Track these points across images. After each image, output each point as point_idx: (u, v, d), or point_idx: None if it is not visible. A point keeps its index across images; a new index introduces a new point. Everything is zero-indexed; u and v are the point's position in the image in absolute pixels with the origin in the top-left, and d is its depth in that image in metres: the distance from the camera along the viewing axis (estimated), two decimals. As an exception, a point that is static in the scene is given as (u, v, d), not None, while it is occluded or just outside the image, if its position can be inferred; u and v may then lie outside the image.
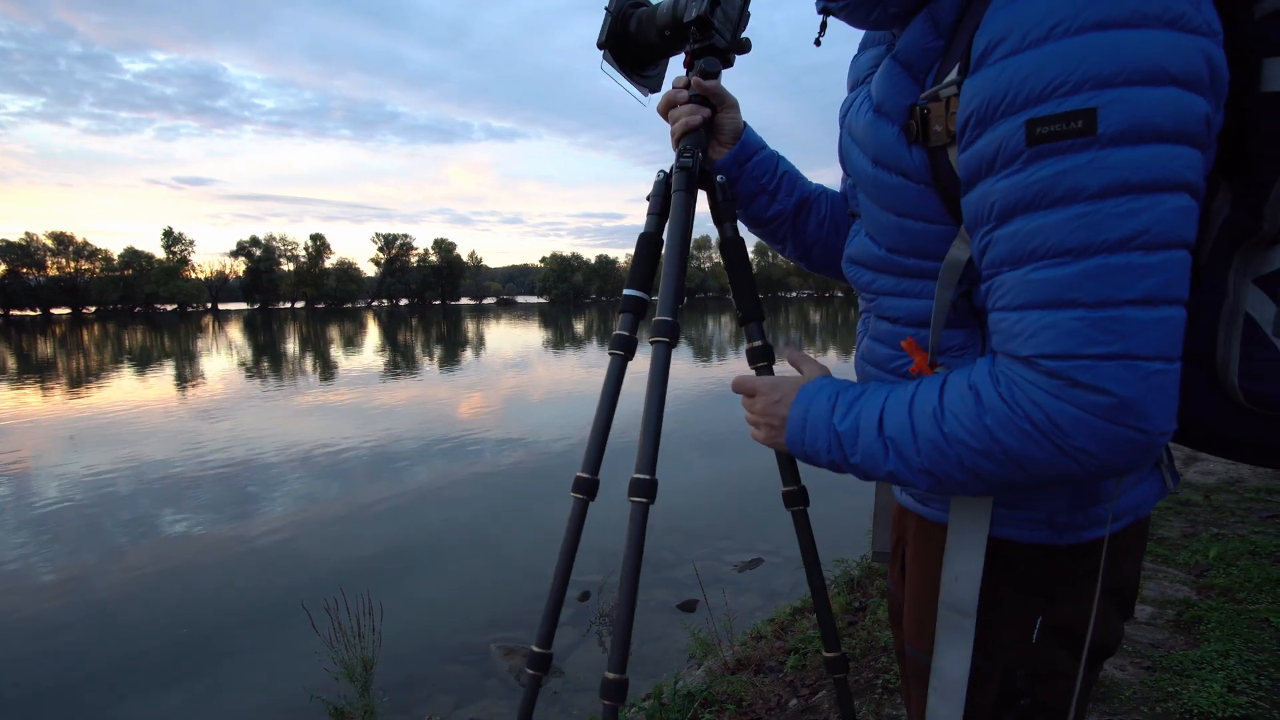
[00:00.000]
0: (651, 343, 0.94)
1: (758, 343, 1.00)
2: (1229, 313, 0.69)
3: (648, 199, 1.06)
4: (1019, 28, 0.59)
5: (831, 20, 0.85)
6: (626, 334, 1.00)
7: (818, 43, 0.88)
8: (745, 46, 1.04)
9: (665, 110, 1.08)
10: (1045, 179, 0.59)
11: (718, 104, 1.06)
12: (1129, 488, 0.79)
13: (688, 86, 1.05)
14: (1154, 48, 0.56)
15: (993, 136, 0.62)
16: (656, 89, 1.11)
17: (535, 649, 1.00)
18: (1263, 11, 0.63)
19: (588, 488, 0.99)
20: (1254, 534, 3.49)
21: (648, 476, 0.90)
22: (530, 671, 1.00)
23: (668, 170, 1.06)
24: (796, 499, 1.12)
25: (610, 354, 1.00)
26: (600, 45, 1.07)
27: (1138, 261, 0.57)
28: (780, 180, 1.09)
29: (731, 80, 1.07)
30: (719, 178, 1.06)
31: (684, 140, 1.04)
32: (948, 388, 0.69)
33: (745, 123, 1.09)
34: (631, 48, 1.08)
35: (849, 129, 0.84)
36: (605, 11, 1.05)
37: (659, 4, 1.04)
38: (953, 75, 0.67)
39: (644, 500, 0.91)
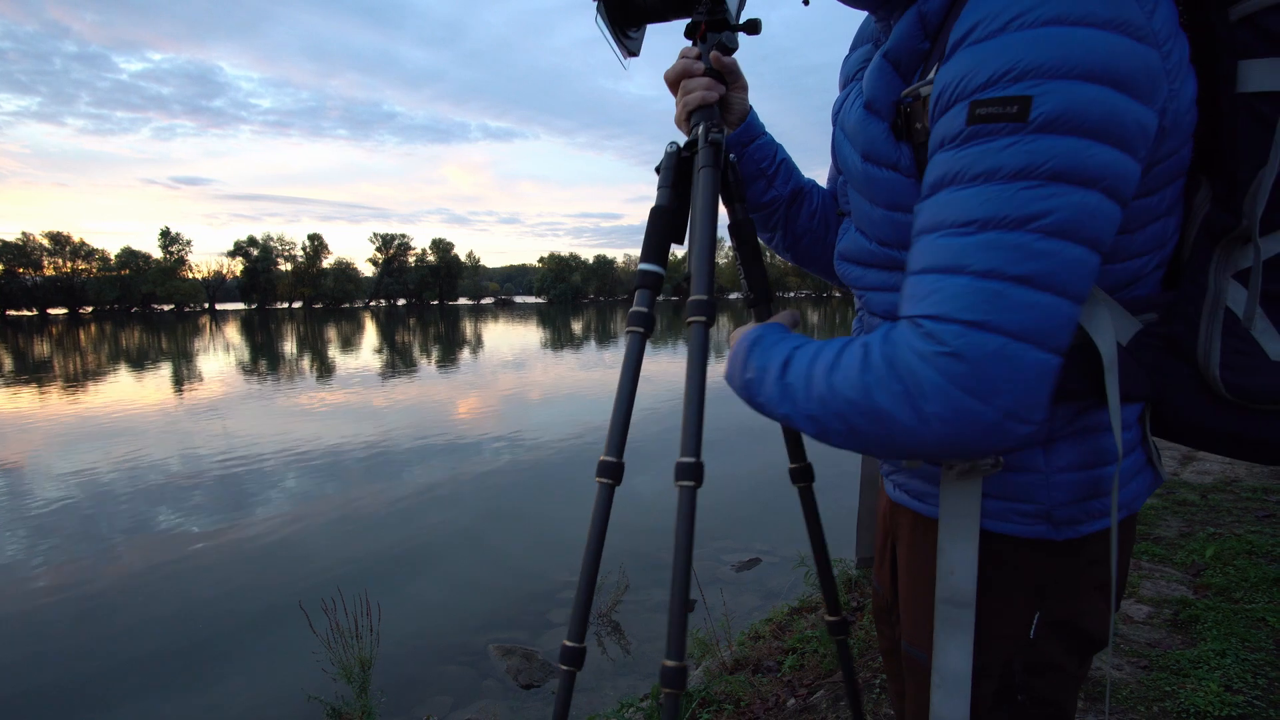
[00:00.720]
0: (689, 323, 0.92)
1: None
2: (1210, 307, 0.71)
3: (656, 170, 1.03)
4: (983, 21, 0.62)
5: (827, 20, 0.87)
6: (645, 310, 0.96)
7: (806, 2, 0.90)
8: (756, 27, 1.00)
9: (676, 80, 1.03)
10: (971, 155, 0.62)
11: (731, 82, 1.04)
12: (1125, 481, 0.80)
13: (699, 58, 1.01)
14: (1097, 47, 0.58)
15: (946, 118, 0.65)
16: (635, 53, 1.07)
17: (568, 643, 0.98)
18: (1238, 14, 0.65)
19: (613, 471, 0.95)
20: (1250, 533, 3.49)
21: (693, 459, 0.88)
22: (564, 667, 0.98)
23: (680, 144, 1.02)
24: (802, 475, 1.14)
25: (629, 331, 0.97)
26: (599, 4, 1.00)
27: (1031, 244, 0.59)
28: (779, 166, 1.10)
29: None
30: (730, 156, 1.03)
31: (698, 114, 1.00)
32: (849, 347, 0.70)
33: (750, 105, 1.09)
34: (623, 5, 1.01)
35: (842, 125, 0.86)
36: None
37: None
38: (932, 74, 0.70)
39: (691, 484, 0.88)
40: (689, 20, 1.01)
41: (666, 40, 1.08)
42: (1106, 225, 0.61)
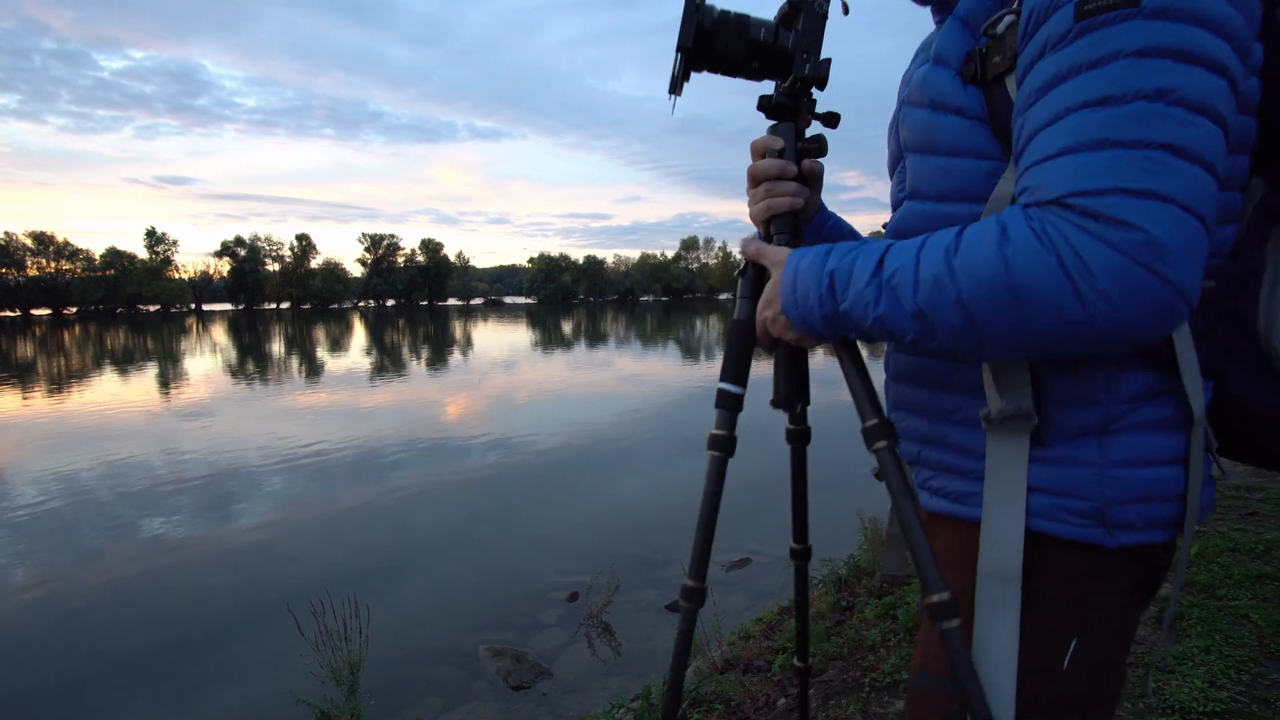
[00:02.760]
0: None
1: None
2: (1270, 281, 0.71)
3: (736, 276, 0.94)
4: None
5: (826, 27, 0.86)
6: (725, 434, 0.93)
7: (846, 10, 0.88)
8: (834, 121, 0.93)
9: (762, 179, 0.93)
10: (1088, 45, 0.59)
11: (815, 188, 0.99)
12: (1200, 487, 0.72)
13: (781, 154, 0.92)
14: None
15: (1045, 28, 0.63)
16: (679, 92, 0.96)
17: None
18: None
19: (696, 596, 0.94)
20: (1234, 531, 3.53)
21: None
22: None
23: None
24: (802, 555, 1.10)
25: (710, 455, 0.94)
26: (682, 48, 0.89)
27: (1174, 113, 0.56)
28: (849, 238, 1.05)
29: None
30: None
31: (781, 221, 0.92)
32: (970, 227, 0.65)
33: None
34: (706, 49, 0.91)
35: (906, 99, 0.83)
36: (695, 11, 0.89)
37: (752, 19, 0.90)
38: (1015, 4, 0.69)
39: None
40: (771, 101, 0.92)
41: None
42: (1230, 103, 0.59)
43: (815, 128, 0.94)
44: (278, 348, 30.23)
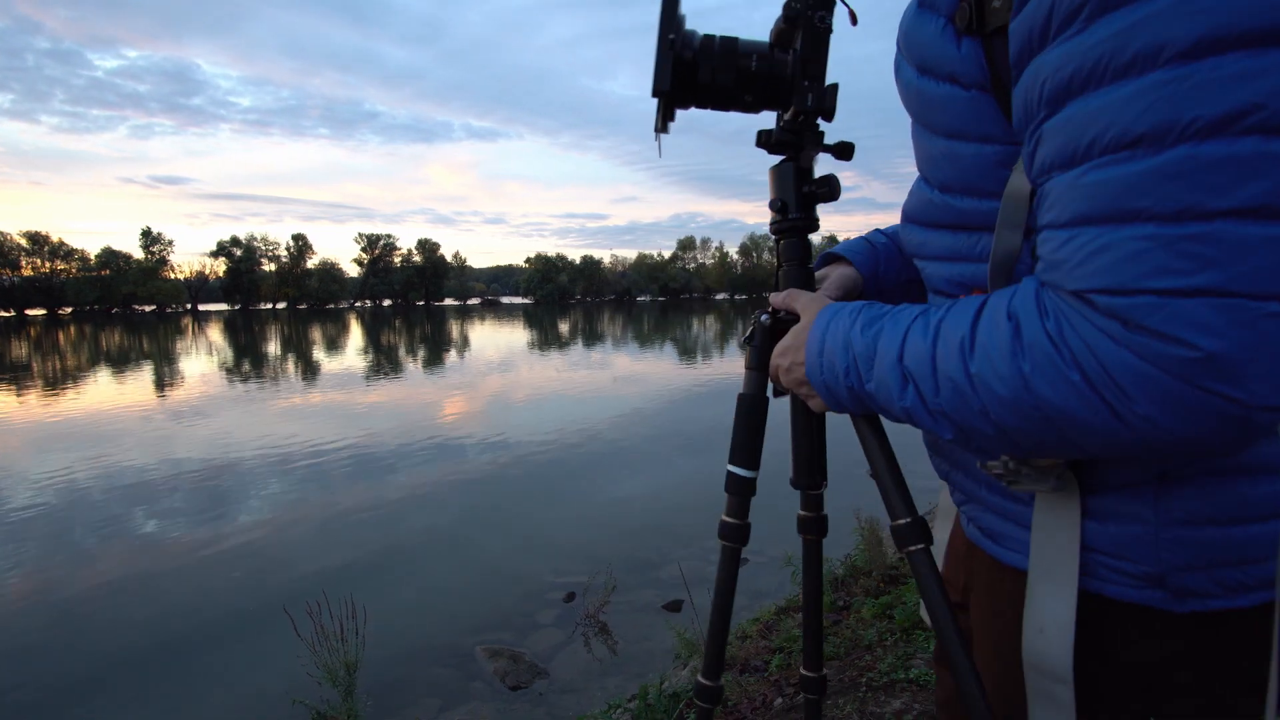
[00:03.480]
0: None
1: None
2: None
3: (743, 346, 0.85)
4: None
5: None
6: (736, 521, 0.86)
7: (854, 21, 0.77)
8: (849, 153, 0.81)
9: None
10: (1111, 37, 0.42)
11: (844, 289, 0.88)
12: None
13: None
14: None
15: None
16: (665, 130, 0.84)
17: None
18: None
19: (712, 696, 0.89)
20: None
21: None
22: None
23: (765, 318, 0.83)
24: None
25: (722, 545, 0.87)
26: (658, 92, 0.76)
27: (1246, 150, 0.39)
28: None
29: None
30: None
31: (785, 252, 0.85)
32: (984, 314, 0.52)
33: (855, 274, 0.89)
34: (689, 85, 0.79)
35: (901, 46, 0.67)
36: (669, 50, 0.74)
37: (741, 44, 0.77)
38: None
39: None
40: (772, 137, 0.81)
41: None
42: None
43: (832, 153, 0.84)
44: (274, 348, 30.16)
